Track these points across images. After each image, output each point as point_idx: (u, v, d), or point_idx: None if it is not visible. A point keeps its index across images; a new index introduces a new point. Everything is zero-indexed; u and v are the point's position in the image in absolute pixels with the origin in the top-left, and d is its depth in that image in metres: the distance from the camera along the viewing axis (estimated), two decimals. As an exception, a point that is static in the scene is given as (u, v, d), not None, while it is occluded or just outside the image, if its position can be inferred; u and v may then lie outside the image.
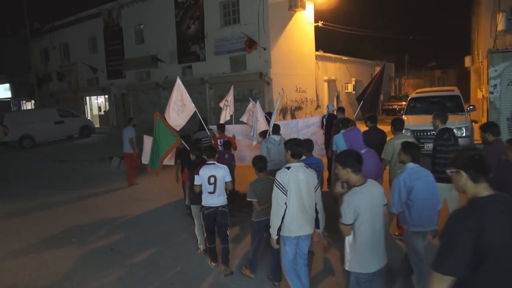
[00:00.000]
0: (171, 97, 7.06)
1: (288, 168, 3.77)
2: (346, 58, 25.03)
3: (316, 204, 3.85)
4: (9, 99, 33.58)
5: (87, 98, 29.03)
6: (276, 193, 3.72)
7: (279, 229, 3.78)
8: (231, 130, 8.50)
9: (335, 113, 8.59)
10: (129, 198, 8.83)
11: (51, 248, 6.08)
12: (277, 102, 8.32)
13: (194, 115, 7.33)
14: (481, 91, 15.52)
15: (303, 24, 20.08)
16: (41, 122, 19.47)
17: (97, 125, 26.22)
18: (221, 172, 4.85)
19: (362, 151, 4.24)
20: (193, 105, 7.10)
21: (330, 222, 4.31)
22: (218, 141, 7.53)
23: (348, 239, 3.16)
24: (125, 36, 23.98)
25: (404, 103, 20.11)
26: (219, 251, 5.01)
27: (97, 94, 27.59)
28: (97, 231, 6.75)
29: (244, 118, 8.57)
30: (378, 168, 4.74)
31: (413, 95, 12.44)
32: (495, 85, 10.63)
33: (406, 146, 3.92)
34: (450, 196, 4.93)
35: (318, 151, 8.68)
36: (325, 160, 7.22)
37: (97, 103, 28.96)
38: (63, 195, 9.39)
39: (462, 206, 2.20)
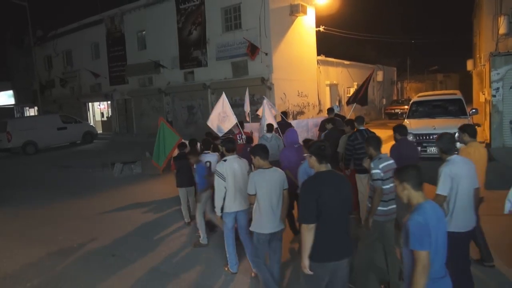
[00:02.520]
0: (215, 108, 8.44)
1: (225, 160, 4.74)
2: (348, 62, 25.05)
3: None
4: (12, 106, 33.78)
5: (90, 104, 29.16)
6: (217, 180, 4.69)
7: (222, 208, 4.73)
8: (249, 127, 9.77)
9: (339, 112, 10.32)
10: (131, 203, 8.82)
11: (53, 254, 6.08)
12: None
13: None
14: (484, 94, 15.47)
15: (305, 29, 20.13)
16: (44, 129, 19.56)
17: (99, 131, 26.32)
18: (214, 158, 6.22)
19: (295, 146, 5.80)
20: (235, 117, 8.31)
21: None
22: (238, 135, 8.66)
23: (254, 207, 4.15)
24: (127, 42, 24.10)
25: (406, 107, 20.08)
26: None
27: (100, 100, 27.70)
28: (99, 236, 6.75)
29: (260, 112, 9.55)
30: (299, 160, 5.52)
31: (415, 99, 12.38)
32: (498, 88, 10.61)
33: (306, 141, 5.14)
34: (360, 184, 6.00)
35: None
36: None
37: (99, 109, 29.07)
38: (65, 201, 9.40)
39: (308, 178, 3.34)
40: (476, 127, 10.29)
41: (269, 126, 7.91)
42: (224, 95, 8.45)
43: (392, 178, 4.00)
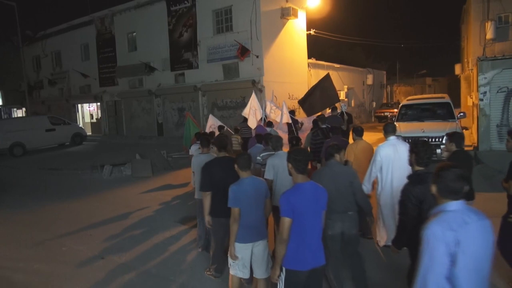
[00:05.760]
0: (248, 105, 10.57)
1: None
2: (338, 65, 25.23)
3: None
4: (-1, 107, 33.29)
5: (79, 105, 28.90)
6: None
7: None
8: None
9: (347, 111, 12.04)
10: (121, 206, 8.75)
11: (41, 257, 6.00)
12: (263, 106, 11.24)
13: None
14: (471, 98, 15.70)
15: (296, 32, 20.24)
16: (32, 130, 19.27)
17: (89, 133, 26.08)
18: (196, 147, 7.37)
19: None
20: (262, 111, 10.46)
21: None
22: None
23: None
24: (117, 43, 23.96)
25: (395, 110, 20.28)
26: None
27: (89, 101, 27.47)
28: (87, 239, 6.68)
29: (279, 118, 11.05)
30: None
31: (404, 102, 12.49)
32: (485, 92, 10.74)
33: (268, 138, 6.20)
34: None
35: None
36: None
37: (89, 111, 28.82)
38: (54, 203, 9.29)
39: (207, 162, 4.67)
40: (464, 130, 10.46)
41: (268, 123, 9.88)
42: (254, 93, 10.65)
43: None
